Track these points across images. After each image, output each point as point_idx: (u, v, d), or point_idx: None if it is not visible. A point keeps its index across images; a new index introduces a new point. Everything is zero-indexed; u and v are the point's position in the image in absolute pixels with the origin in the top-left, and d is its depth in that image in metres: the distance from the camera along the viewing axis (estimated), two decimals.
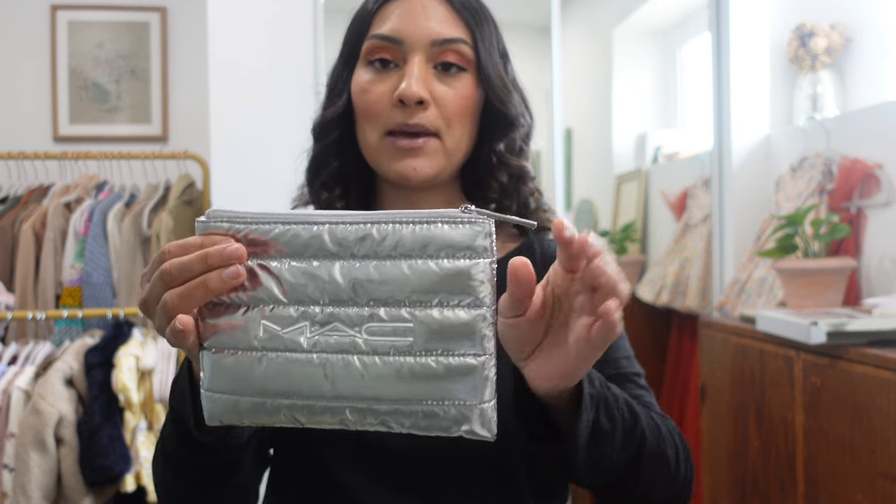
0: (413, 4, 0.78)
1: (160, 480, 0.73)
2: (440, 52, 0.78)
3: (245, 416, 0.56)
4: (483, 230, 0.53)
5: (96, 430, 1.92)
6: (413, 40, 0.77)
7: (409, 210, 0.54)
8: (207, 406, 0.56)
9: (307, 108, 0.90)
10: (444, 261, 0.53)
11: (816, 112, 1.97)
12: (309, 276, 0.54)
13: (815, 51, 1.95)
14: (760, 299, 1.91)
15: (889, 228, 1.69)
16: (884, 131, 1.72)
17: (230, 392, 0.55)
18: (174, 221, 2.25)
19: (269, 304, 0.55)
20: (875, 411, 1.21)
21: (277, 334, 0.54)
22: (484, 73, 0.80)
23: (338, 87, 0.84)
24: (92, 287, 2.22)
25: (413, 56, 0.77)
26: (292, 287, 0.54)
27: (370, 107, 0.79)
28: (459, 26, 0.79)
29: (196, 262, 0.53)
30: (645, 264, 3.00)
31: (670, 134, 3.28)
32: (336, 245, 0.54)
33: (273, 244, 0.54)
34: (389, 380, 0.53)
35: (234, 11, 2.09)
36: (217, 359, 0.55)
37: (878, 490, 1.21)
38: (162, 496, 0.74)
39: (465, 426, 0.53)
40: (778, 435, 1.50)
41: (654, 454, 0.68)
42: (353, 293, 0.53)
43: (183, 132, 2.88)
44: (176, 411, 0.66)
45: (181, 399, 0.64)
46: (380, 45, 0.78)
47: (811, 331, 1.33)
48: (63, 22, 2.88)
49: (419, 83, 0.76)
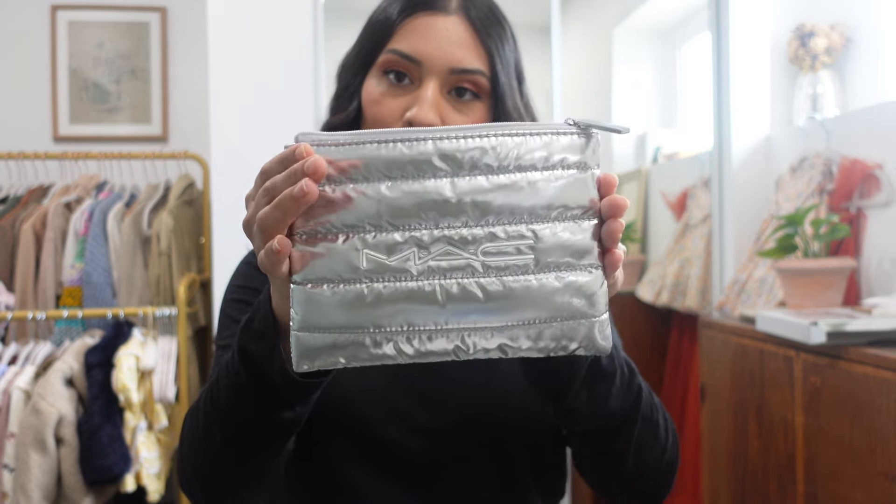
0: (437, 24, 0.76)
1: (197, 442, 0.68)
2: (458, 80, 0.77)
3: (345, 355, 0.51)
4: (594, 140, 0.51)
5: (96, 430, 1.92)
6: (432, 63, 0.76)
7: (517, 122, 0.52)
8: (298, 348, 0.51)
9: (307, 108, 0.90)
10: (561, 170, 0.51)
11: (816, 112, 1.97)
12: (415, 197, 0.50)
13: (815, 51, 1.95)
14: (760, 299, 1.91)
15: (889, 228, 1.69)
16: (884, 131, 1.72)
17: (329, 329, 0.50)
18: (174, 221, 2.25)
19: (371, 231, 0.51)
20: (875, 411, 1.21)
21: (383, 262, 0.50)
22: (501, 105, 0.79)
23: (348, 92, 0.82)
24: (92, 287, 2.23)
25: (429, 80, 0.76)
26: (396, 210, 0.50)
27: (380, 120, 0.78)
28: (481, 55, 0.77)
29: (282, 177, 0.52)
30: (645, 264, 3.00)
31: (670, 134, 3.28)
32: (443, 160, 0.50)
33: (371, 164, 0.50)
34: (509, 301, 0.50)
35: (234, 11, 2.09)
36: (313, 293, 0.51)
37: (878, 490, 1.21)
38: (196, 459, 0.69)
39: (586, 342, 0.52)
40: (778, 435, 1.50)
41: (648, 418, 0.71)
42: (465, 212, 0.50)
43: (183, 132, 2.89)
44: (250, 357, 0.61)
45: (261, 343, 0.60)
46: (398, 61, 0.77)
47: (811, 331, 1.33)
48: (63, 22, 2.88)
49: (432, 110, 0.75)
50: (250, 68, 2.09)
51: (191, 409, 0.71)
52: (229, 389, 0.64)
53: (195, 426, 0.69)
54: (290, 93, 2.07)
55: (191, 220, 2.37)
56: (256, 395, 0.62)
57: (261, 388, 0.61)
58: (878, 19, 1.88)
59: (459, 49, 0.76)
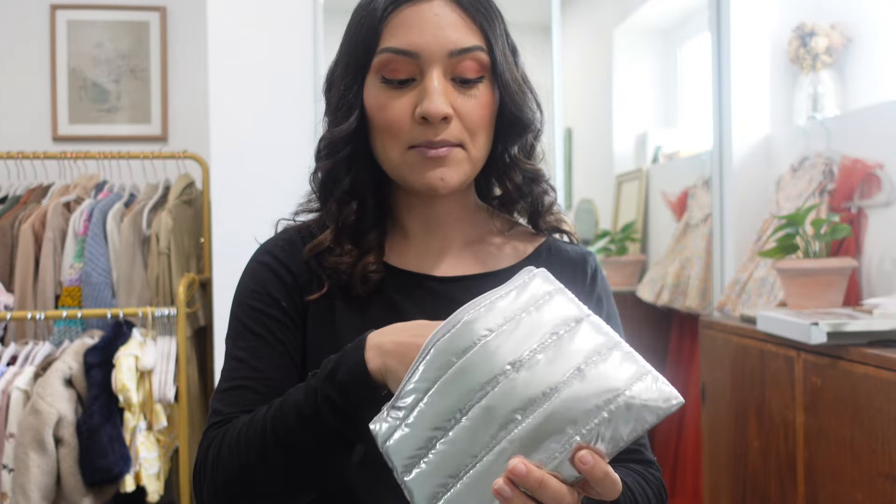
0: (424, 12, 0.75)
1: (248, 469, 0.69)
2: (458, 61, 0.75)
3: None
4: (542, 277, 0.62)
5: (96, 430, 1.92)
6: (430, 52, 0.74)
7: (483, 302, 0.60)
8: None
9: (306, 108, 0.88)
10: (539, 312, 0.59)
11: (817, 112, 1.97)
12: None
13: (816, 50, 1.95)
14: (761, 299, 1.91)
15: (890, 228, 1.69)
16: (884, 131, 1.71)
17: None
18: (174, 221, 2.25)
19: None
20: (875, 411, 1.21)
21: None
22: (501, 78, 0.78)
23: (346, 100, 0.79)
24: (91, 287, 2.22)
25: (431, 69, 0.75)
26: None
27: (391, 124, 0.76)
28: (474, 31, 0.76)
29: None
30: (645, 264, 3.00)
31: (671, 134, 3.28)
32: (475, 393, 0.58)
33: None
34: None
35: (234, 11, 2.09)
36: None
37: (878, 490, 1.21)
38: (243, 483, 0.69)
39: (659, 401, 0.56)
40: (778, 435, 1.50)
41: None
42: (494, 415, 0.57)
43: (182, 132, 2.88)
44: (336, 406, 0.65)
45: (349, 397, 0.65)
46: (394, 58, 0.75)
47: (812, 331, 1.33)
48: (63, 21, 2.88)
49: (442, 99, 0.74)
50: (250, 68, 2.08)
51: (229, 437, 0.71)
52: (301, 424, 0.67)
53: (243, 453, 0.70)
54: (290, 93, 2.07)
55: (190, 219, 2.37)
56: (332, 435, 0.66)
57: (340, 430, 0.66)
58: (879, 19, 1.88)
59: (453, 31, 0.75)
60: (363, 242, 0.81)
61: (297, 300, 0.80)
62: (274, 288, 0.80)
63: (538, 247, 0.88)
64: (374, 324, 0.69)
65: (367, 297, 0.80)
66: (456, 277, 0.82)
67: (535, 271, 0.63)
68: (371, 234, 0.82)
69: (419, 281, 0.82)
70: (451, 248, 0.84)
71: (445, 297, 0.80)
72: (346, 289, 0.80)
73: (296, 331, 0.80)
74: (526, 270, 0.63)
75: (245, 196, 2.03)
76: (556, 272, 0.65)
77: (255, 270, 0.83)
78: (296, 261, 0.82)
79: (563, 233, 0.90)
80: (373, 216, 0.83)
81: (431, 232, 0.84)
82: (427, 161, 0.76)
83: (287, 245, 0.83)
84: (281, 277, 0.81)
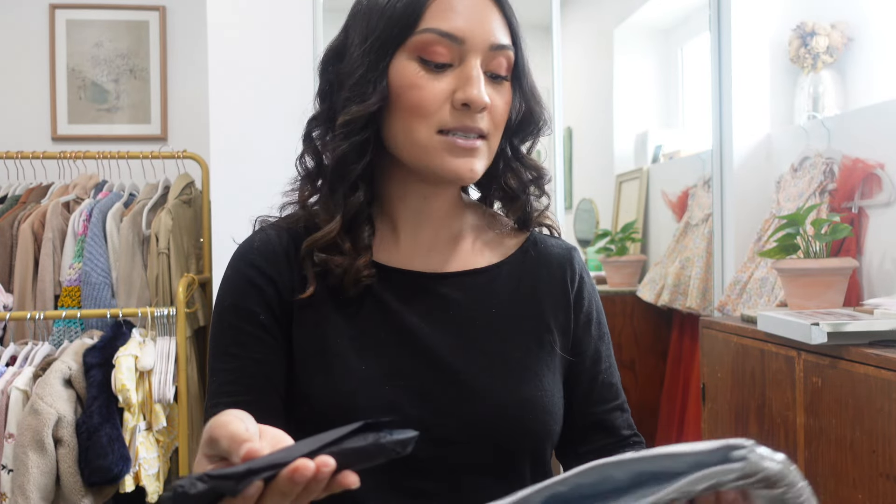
0: (475, 1, 0.76)
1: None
2: (494, 56, 0.76)
3: None
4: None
5: (95, 430, 1.92)
6: (474, 41, 0.74)
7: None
8: None
9: (306, 108, 0.87)
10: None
11: (817, 111, 1.96)
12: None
13: (816, 50, 1.95)
14: (761, 299, 1.90)
15: (890, 228, 1.69)
16: (885, 131, 1.71)
17: None
18: (173, 221, 2.25)
19: None
20: (876, 411, 1.21)
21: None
22: (520, 81, 0.80)
23: (368, 78, 0.76)
24: (91, 287, 2.22)
25: (473, 58, 0.75)
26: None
27: (424, 104, 0.74)
28: (508, 31, 0.78)
29: None
30: (645, 264, 3.00)
31: (671, 133, 3.28)
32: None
33: None
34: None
35: (234, 11, 2.09)
36: None
37: (878, 490, 1.21)
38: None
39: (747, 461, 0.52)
40: (779, 435, 1.49)
41: None
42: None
43: (182, 132, 2.88)
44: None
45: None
46: (438, 40, 0.74)
47: (812, 331, 1.33)
48: (62, 21, 2.87)
49: (485, 89, 0.75)
50: (249, 68, 2.08)
51: None
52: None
53: None
54: (290, 92, 2.07)
55: (190, 219, 2.37)
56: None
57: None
58: (880, 18, 1.88)
59: (497, 25, 0.76)
60: (358, 239, 0.79)
61: (278, 308, 0.78)
62: (252, 300, 0.78)
63: (523, 242, 0.87)
64: (365, 324, 0.68)
65: (357, 297, 0.79)
66: (445, 274, 0.82)
67: None
68: (365, 229, 0.80)
69: (410, 279, 0.81)
70: (438, 243, 0.83)
71: (436, 294, 0.80)
72: (335, 288, 0.78)
73: (275, 344, 0.78)
74: None
75: (245, 196, 2.02)
76: (542, 273, 0.64)
77: (232, 280, 0.80)
78: (275, 263, 0.79)
79: (545, 226, 0.90)
80: (367, 209, 0.81)
81: (421, 226, 0.83)
82: (456, 149, 0.75)
83: (264, 246, 0.80)
84: (258, 287, 0.78)
